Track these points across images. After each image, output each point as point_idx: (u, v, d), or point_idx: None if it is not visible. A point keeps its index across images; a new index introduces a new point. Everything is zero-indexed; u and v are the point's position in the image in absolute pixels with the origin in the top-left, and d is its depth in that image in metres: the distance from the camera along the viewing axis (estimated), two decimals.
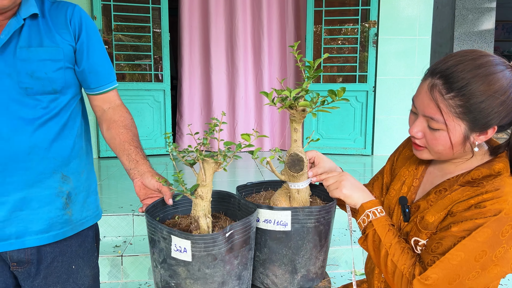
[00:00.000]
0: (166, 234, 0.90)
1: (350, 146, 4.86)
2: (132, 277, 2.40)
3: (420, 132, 0.96)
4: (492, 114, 0.88)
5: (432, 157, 1.00)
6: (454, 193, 0.95)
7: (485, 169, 0.93)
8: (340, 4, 4.88)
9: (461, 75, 0.87)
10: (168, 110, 4.76)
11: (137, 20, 4.76)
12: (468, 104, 0.87)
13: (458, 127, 0.90)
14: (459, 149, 0.94)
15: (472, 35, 6.80)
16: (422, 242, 0.97)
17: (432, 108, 0.91)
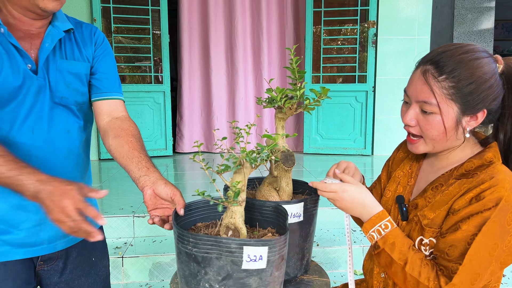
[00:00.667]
0: (234, 247, 0.81)
1: (350, 146, 4.86)
2: (133, 278, 2.41)
3: (414, 119, 0.99)
4: (481, 97, 0.92)
5: (427, 148, 1.00)
6: (451, 187, 0.97)
7: (477, 159, 0.96)
8: (339, 4, 4.88)
9: (451, 59, 0.93)
10: (168, 111, 4.77)
11: (137, 22, 4.77)
12: (459, 85, 0.91)
13: (450, 109, 0.93)
14: (452, 134, 0.96)
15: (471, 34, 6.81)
16: (425, 241, 0.97)
17: (426, 91, 0.94)
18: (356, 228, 2.81)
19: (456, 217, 0.92)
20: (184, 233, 0.84)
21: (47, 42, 1.13)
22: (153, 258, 2.42)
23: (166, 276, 2.41)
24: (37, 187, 0.92)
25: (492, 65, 0.94)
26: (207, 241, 0.82)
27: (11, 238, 1.12)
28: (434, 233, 0.96)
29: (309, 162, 4.49)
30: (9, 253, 1.13)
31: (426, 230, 0.97)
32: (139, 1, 4.61)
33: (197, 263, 0.84)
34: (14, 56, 1.07)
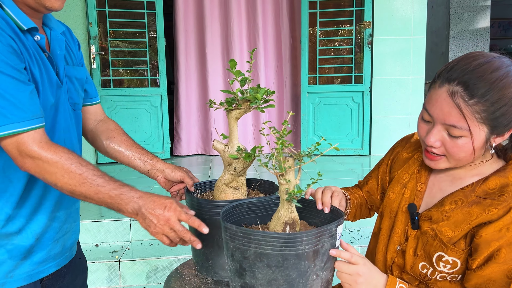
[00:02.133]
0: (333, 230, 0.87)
1: (348, 146, 4.87)
2: (130, 282, 2.41)
3: (439, 141, 0.93)
4: (511, 117, 0.88)
5: (449, 165, 0.96)
6: (474, 207, 0.92)
7: (501, 178, 0.92)
8: (335, 5, 4.89)
9: (482, 80, 0.86)
10: (165, 114, 4.77)
11: (133, 26, 4.78)
12: (492, 109, 0.86)
13: (481, 132, 0.88)
14: (479, 154, 0.92)
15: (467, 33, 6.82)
16: (447, 258, 0.94)
17: (455, 115, 0.88)
18: (353, 229, 2.81)
19: (488, 249, 0.88)
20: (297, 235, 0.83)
21: (58, 49, 1.10)
22: (150, 261, 2.42)
23: (163, 280, 2.41)
24: (138, 203, 0.96)
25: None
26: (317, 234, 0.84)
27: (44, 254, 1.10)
28: (458, 253, 0.93)
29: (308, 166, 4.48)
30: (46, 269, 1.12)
31: (449, 247, 0.94)
32: (135, 5, 4.62)
33: (308, 259, 0.85)
34: (47, 66, 1.04)
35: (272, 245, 0.83)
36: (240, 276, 0.89)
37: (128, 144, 1.28)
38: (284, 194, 0.89)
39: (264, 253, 0.83)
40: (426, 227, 0.98)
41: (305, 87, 4.86)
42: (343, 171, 3.98)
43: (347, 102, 4.84)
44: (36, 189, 1.05)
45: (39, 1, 1.00)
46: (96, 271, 2.38)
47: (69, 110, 1.13)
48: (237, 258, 0.87)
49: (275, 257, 0.83)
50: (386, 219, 1.10)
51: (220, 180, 1.15)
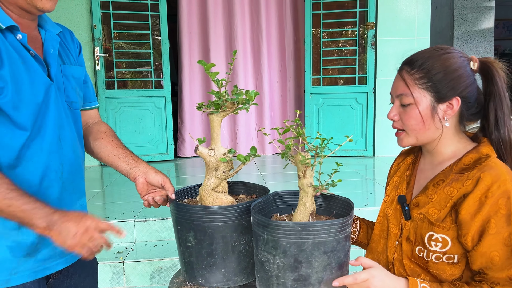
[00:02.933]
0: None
1: (352, 148, 4.86)
2: (134, 283, 2.41)
3: (396, 114, 1.06)
4: (451, 84, 1.00)
5: (410, 139, 1.06)
6: (453, 183, 0.99)
7: (474, 154, 1.01)
8: (338, 7, 4.89)
9: (421, 56, 1.04)
10: (169, 116, 4.79)
11: (137, 27, 4.80)
12: (429, 74, 1.01)
13: (424, 98, 1.02)
14: (430, 123, 1.02)
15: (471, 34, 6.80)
16: (436, 236, 0.98)
17: (401, 85, 1.05)
18: None
19: (475, 223, 0.93)
20: (345, 220, 0.93)
21: (51, 48, 1.11)
22: (154, 262, 2.42)
23: (167, 280, 2.42)
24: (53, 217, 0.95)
25: (462, 59, 1.02)
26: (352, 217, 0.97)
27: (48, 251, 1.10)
28: (445, 229, 0.98)
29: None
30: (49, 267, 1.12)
31: (436, 225, 0.99)
32: (139, 6, 4.64)
33: (349, 239, 0.96)
34: (28, 65, 1.04)
35: (329, 232, 0.90)
36: (293, 271, 0.92)
37: (115, 145, 1.27)
38: (308, 187, 0.98)
39: (321, 241, 0.90)
40: (415, 213, 1.05)
41: (308, 88, 4.86)
42: (347, 172, 3.98)
43: (351, 103, 4.84)
44: None
45: (31, 2, 1.02)
46: (101, 272, 2.39)
47: (65, 108, 1.13)
48: (292, 253, 0.90)
49: (331, 243, 0.91)
50: (382, 221, 1.16)
51: (206, 186, 1.11)
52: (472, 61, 1.02)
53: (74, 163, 1.16)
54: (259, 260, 0.97)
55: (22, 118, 1.02)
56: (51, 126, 1.08)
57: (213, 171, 1.10)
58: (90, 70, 4.46)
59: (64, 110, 1.13)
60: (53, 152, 1.07)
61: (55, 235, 0.95)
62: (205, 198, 1.11)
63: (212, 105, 1.07)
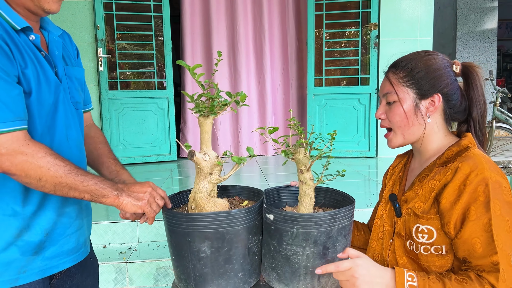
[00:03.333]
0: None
1: (354, 148, 4.85)
2: (137, 283, 2.42)
3: (383, 113, 1.13)
4: (432, 82, 1.06)
5: (398, 138, 1.11)
6: (436, 176, 1.03)
7: (455, 147, 1.06)
8: (341, 7, 4.89)
9: (405, 58, 1.11)
10: (172, 117, 4.80)
11: (140, 28, 4.81)
12: (411, 74, 1.08)
13: (407, 95, 1.08)
14: (413, 119, 1.08)
15: (474, 34, 6.79)
16: (422, 228, 1.02)
17: (387, 85, 1.12)
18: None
19: (456, 211, 0.96)
20: (353, 206, 1.04)
21: (55, 49, 1.13)
22: (157, 262, 2.43)
23: (170, 281, 2.42)
24: (118, 186, 1.07)
25: (443, 61, 1.09)
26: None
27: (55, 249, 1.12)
28: (429, 220, 1.01)
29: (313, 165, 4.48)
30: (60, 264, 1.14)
31: (421, 217, 1.03)
32: (142, 7, 4.65)
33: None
34: (43, 66, 1.06)
35: (348, 217, 1.01)
36: (321, 258, 0.99)
37: (101, 152, 1.30)
38: (311, 180, 1.05)
39: (342, 226, 0.99)
40: (404, 209, 1.09)
41: (311, 89, 4.86)
42: (350, 173, 3.98)
43: (354, 104, 4.84)
44: None
45: (38, 4, 1.03)
46: (104, 272, 2.40)
47: (71, 108, 1.16)
48: (321, 241, 0.97)
49: (348, 226, 1.02)
50: (379, 223, 1.18)
51: (202, 192, 1.06)
52: (455, 65, 1.09)
53: (80, 162, 1.18)
54: (283, 256, 0.99)
55: (39, 119, 1.05)
56: (60, 126, 1.10)
57: (207, 176, 1.06)
58: (93, 71, 4.48)
59: (70, 110, 1.15)
60: (62, 152, 1.09)
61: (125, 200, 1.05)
62: (204, 205, 1.06)
63: (203, 108, 1.03)
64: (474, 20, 6.76)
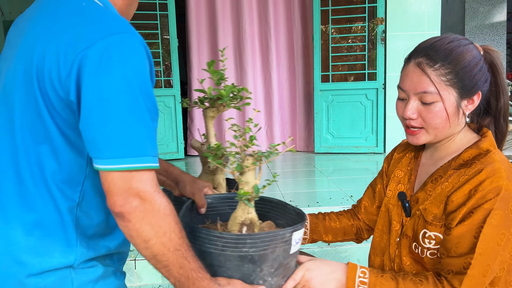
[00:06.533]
0: (288, 235, 0.84)
1: (362, 144, 4.83)
2: (146, 281, 2.43)
3: (415, 112, 0.98)
4: (476, 79, 0.95)
5: (429, 137, 1.00)
6: (450, 179, 0.97)
7: (474, 149, 0.98)
8: (347, 2, 4.86)
9: (441, 49, 0.95)
10: (179, 115, 4.81)
11: (147, 27, 4.83)
12: (455, 70, 0.94)
13: (450, 95, 0.95)
14: (454, 120, 0.97)
15: (483, 28, 6.71)
16: (429, 234, 0.97)
17: (424, 81, 0.95)
18: None
19: (458, 214, 0.92)
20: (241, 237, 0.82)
21: None
22: None
23: None
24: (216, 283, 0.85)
25: (476, 51, 0.97)
26: (265, 238, 0.81)
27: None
28: (437, 227, 0.96)
29: (321, 161, 4.47)
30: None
31: (429, 223, 0.98)
32: (148, 6, 4.66)
33: (253, 263, 0.83)
34: None
35: (215, 244, 0.81)
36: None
37: None
38: (240, 193, 0.88)
39: (207, 251, 0.83)
40: (414, 210, 1.03)
41: (318, 85, 4.84)
42: (358, 169, 3.96)
43: (361, 99, 4.81)
44: None
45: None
46: None
47: None
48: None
49: (217, 256, 0.83)
50: (384, 216, 1.14)
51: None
52: (480, 52, 0.99)
53: None
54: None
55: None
56: None
57: (204, 165, 1.08)
58: None
59: None
60: None
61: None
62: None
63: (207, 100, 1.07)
64: (482, 13, 6.68)
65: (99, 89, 0.71)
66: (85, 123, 0.73)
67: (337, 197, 3.00)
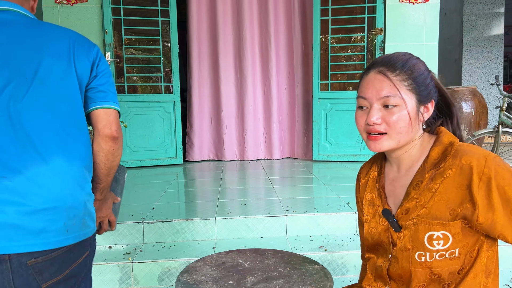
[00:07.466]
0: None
1: (360, 153, 4.85)
2: (142, 284, 2.43)
3: (380, 118, 1.01)
4: (429, 87, 1.03)
5: (391, 143, 1.02)
6: (433, 180, 1.00)
7: (438, 146, 1.02)
8: (347, 13, 4.92)
9: (398, 58, 1.03)
10: (178, 120, 4.83)
11: (148, 34, 4.87)
12: (412, 77, 1.01)
13: (411, 100, 1.00)
14: (416, 125, 1.02)
15: (481, 40, 6.78)
16: (437, 235, 0.97)
17: (387, 86, 1.00)
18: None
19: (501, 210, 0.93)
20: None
21: None
22: (162, 263, 2.44)
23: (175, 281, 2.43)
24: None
25: (424, 66, 1.05)
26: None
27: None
28: (444, 225, 0.97)
29: (319, 169, 4.49)
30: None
31: (434, 223, 0.98)
32: (150, 13, 4.71)
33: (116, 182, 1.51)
34: None
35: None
36: None
37: None
38: None
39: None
40: (406, 221, 1.03)
41: (316, 94, 4.88)
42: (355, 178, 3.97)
43: None
44: None
45: None
46: (109, 272, 2.41)
47: None
48: None
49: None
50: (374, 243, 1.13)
51: None
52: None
53: None
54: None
55: None
56: None
57: None
58: None
59: None
60: None
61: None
62: None
63: None
64: (480, 26, 6.76)
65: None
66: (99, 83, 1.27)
67: (335, 203, 3.02)
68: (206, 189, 3.73)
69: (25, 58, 1.10)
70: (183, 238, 2.72)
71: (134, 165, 4.71)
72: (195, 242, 2.70)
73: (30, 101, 1.08)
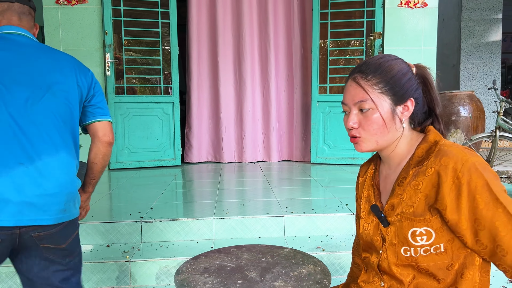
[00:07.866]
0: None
1: (358, 156, 4.87)
2: (140, 282, 2.43)
3: (356, 122, 1.07)
4: (405, 87, 1.06)
5: (370, 144, 1.08)
6: (416, 177, 1.02)
7: (423, 144, 1.06)
8: (346, 16, 4.95)
9: (372, 63, 1.08)
10: (177, 122, 4.84)
11: (148, 35, 4.89)
12: (385, 79, 1.05)
13: (384, 102, 1.05)
14: (392, 125, 1.06)
15: (479, 46, 6.82)
16: (420, 231, 0.99)
17: (359, 92, 1.06)
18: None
19: (464, 206, 0.94)
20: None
21: None
22: (160, 262, 2.44)
23: (172, 280, 2.43)
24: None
25: (404, 64, 1.09)
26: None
27: None
28: (426, 222, 0.99)
29: (317, 172, 4.50)
30: None
31: (416, 220, 1.00)
32: (150, 15, 4.73)
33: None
34: None
35: None
36: None
37: None
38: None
39: None
40: (392, 217, 1.07)
41: (315, 97, 4.90)
42: (353, 180, 3.98)
43: None
44: None
45: None
46: (107, 271, 2.41)
47: None
48: None
49: None
50: (366, 236, 1.16)
51: None
52: (412, 67, 1.10)
53: None
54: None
55: None
56: None
57: None
58: (100, 76, 4.54)
59: None
60: None
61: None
62: None
63: None
64: (478, 32, 6.80)
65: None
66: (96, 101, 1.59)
67: (332, 205, 3.03)
68: (204, 190, 3.73)
69: (40, 74, 1.40)
70: (181, 237, 2.73)
71: (132, 166, 4.71)
72: (193, 242, 2.71)
73: (43, 107, 1.37)
